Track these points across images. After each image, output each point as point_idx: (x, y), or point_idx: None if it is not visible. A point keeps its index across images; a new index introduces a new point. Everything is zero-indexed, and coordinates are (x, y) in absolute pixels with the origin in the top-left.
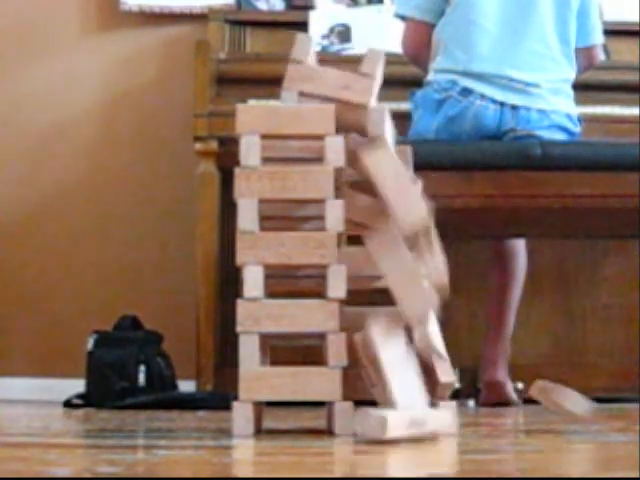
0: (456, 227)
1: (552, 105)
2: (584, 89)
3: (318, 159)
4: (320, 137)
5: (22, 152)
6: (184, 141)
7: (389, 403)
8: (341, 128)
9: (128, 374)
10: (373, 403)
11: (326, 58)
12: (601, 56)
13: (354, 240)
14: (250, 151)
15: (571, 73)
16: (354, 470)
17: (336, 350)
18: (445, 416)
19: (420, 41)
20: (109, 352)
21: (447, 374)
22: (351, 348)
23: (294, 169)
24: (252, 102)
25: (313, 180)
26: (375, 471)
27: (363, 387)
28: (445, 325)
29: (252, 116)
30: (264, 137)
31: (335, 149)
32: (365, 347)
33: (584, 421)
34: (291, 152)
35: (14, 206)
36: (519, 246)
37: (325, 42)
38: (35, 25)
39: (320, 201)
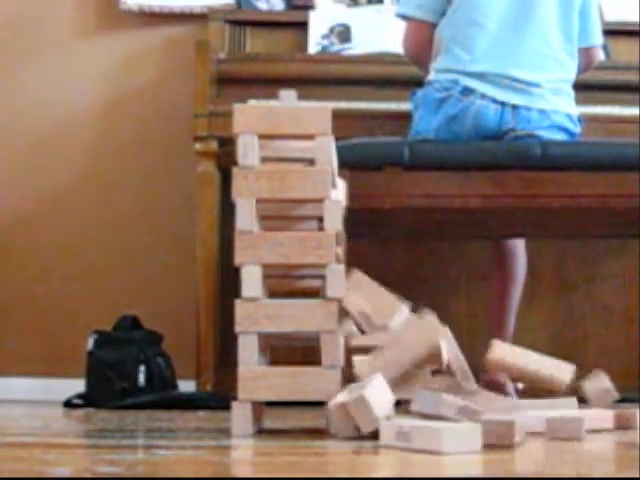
0: (456, 227)
1: (552, 105)
2: (584, 89)
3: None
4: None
5: (22, 152)
6: (184, 141)
7: None
8: None
9: (128, 374)
10: None
11: (326, 58)
12: (600, 57)
13: (355, 238)
14: (248, 151)
15: (573, 72)
16: (353, 470)
17: (330, 350)
18: (460, 432)
19: (421, 41)
20: (109, 352)
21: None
22: None
23: (292, 169)
24: (252, 102)
25: (311, 180)
26: (372, 471)
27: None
28: (445, 325)
29: (249, 116)
30: (261, 137)
31: (324, 149)
32: None
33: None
34: (289, 152)
35: (14, 206)
36: (519, 247)
37: (325, 42)
38: (34, 25)
39: (318, 201)
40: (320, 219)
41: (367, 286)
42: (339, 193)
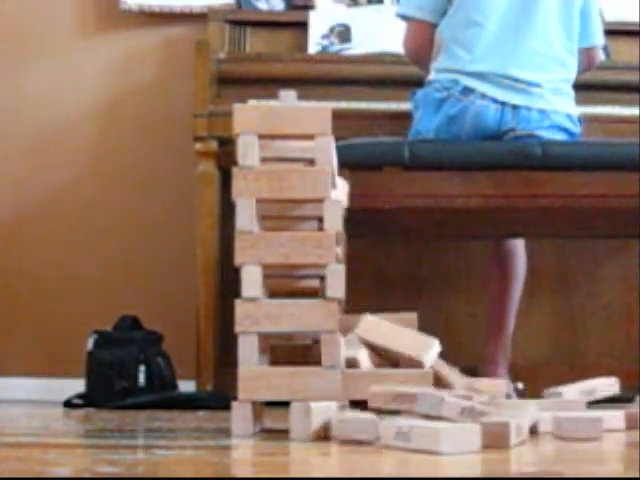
0: (456, 227)
1: (553, 105)
2: (584, 89)
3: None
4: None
5: (22, 153)
6: (184, 141)
7: None
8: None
9: (128, 374)
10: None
11: (326, 58)
12: (601, 57)
13: (355, 235)
14: (248, 151)
15: (574, 72)
16: (352, 470)
17: (330, 350)
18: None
19: (422, 41)
20: (109, 352)
21: None
22: None
23: (292, 169)
24: (252, 102)
25: (311, 180)
26: (372, 471)
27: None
28: (445, 325)
29: (249, 116)
30: (261, 137)
31: (324, 149)
32: None
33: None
34: (289, 152)
35: (14, 206)
36: (519, 246)
37: (325, 42)
38: (34, 25)
39: (318, 201)
40: (320, 219)
41: (386, 327)
42: (340, 193)
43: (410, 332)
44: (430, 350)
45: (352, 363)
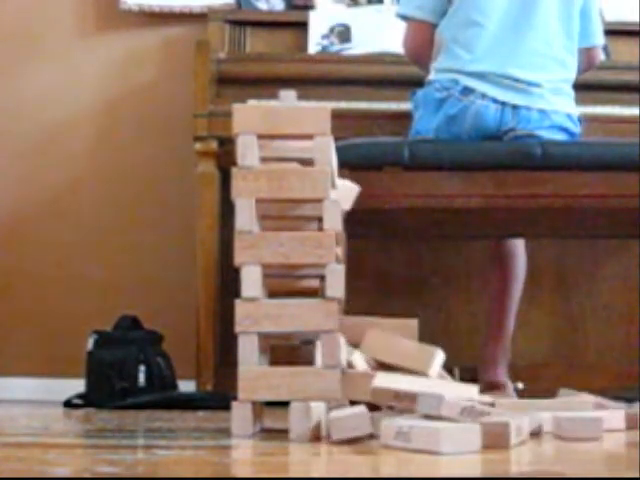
0: (456, 227)
1: (553, 105)
2: (584, 89)
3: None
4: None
5: (22, 153)
6: (184, 141)
7: None
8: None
9: (128, 374)
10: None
11: (326, 58)
12: (601, 57)
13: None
14: (247, 151)
15: (573, 71)
16: (352, 470)
17: (330, 350)
18: (461, 433)
19: (422, 41)
20: (109, 352)
21: None
22: None
23: (291, 169)
24: (252, 102)
25: (310, 180)
26: (372, 471)
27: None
28: (445, 325)
29: (249, 116)
30: (261, 137)
31: (323, 149)
32: None
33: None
34: (289, 152)
35: (14, 206)
36: (519, 246)
37: (325, 42)
38: (34, 25)
39: (317, 201)
40: (320, 219)
41: (389, 340)
42: (345, 193)
43: (413, 344)
44: (435, 361)
45: (347, 366)
